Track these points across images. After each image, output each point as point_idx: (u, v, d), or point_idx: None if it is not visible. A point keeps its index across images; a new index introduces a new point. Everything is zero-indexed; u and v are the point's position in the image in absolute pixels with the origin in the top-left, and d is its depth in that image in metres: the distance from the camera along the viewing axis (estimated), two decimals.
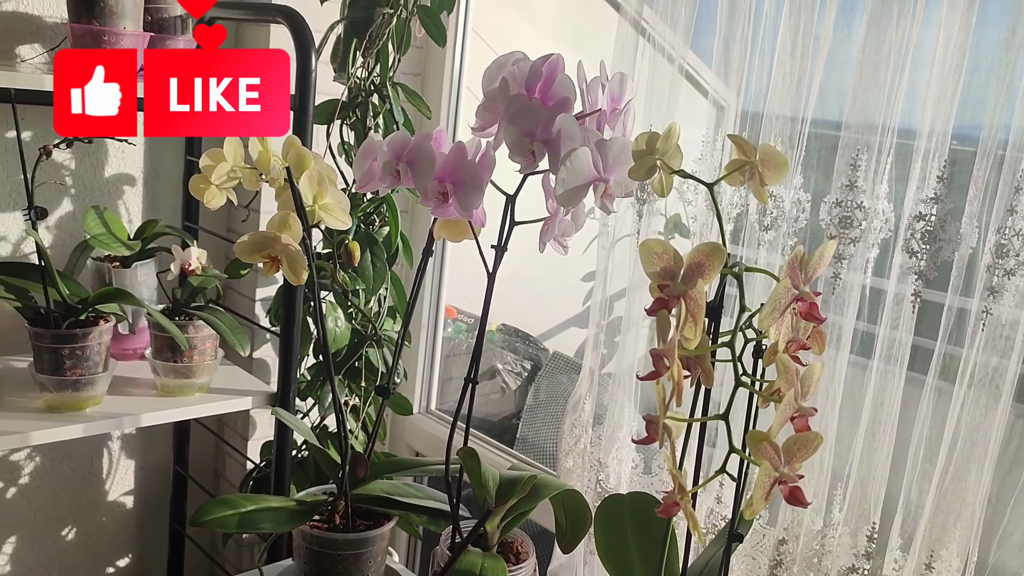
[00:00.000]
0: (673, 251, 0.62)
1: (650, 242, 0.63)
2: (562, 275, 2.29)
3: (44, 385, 1.27)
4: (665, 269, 0.62)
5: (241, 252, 0.94)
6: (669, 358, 0.60)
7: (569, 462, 1.39)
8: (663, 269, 0.62)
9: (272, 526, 1.08)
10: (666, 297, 0.61)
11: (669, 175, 0.69)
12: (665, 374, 0.61)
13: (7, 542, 1.61)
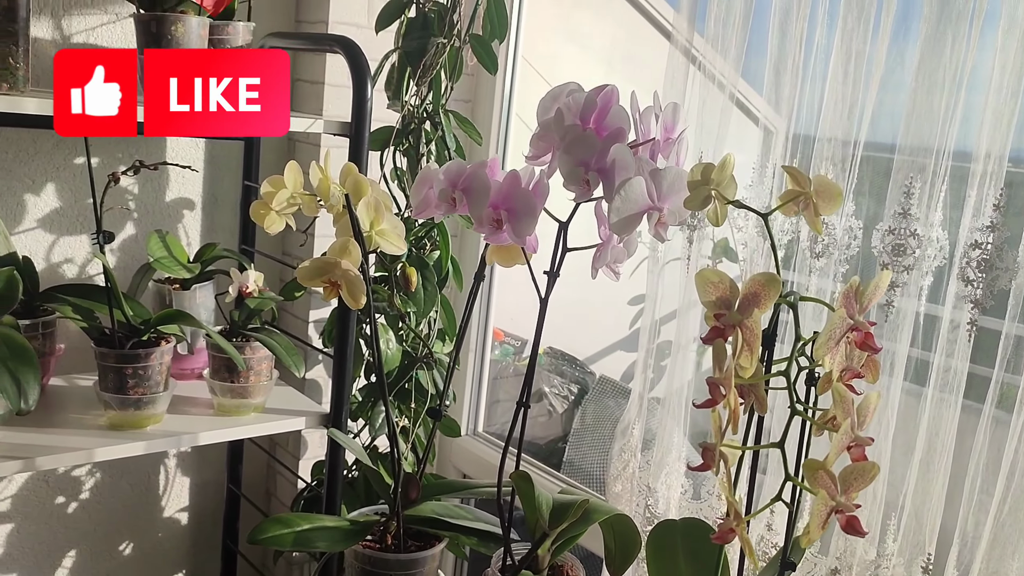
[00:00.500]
0: (729, 281, 0.63)
1: (706, 272, 0.64)
2: (608, 299, 2.29)
3: (108, 403, 1.31)
4: (721, 298, 0.63)
5: (303, 277, 0.96)
6: (726, 387, 0.61)
7: (618, 487, 1.39)
8: (719, 298, 0.63)
9: (326, 545, 1.10)
10: (722, 326, 0.62)
11: (724, 205, 0.70)
12: (721, 402, 0.62)
13: (68, 555, 1.66)
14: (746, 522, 0.63)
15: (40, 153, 1.48)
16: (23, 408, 1.15)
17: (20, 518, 1.59)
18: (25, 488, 1.58)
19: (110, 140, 1.51)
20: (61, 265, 1.54)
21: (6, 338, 1.19)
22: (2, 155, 1.45)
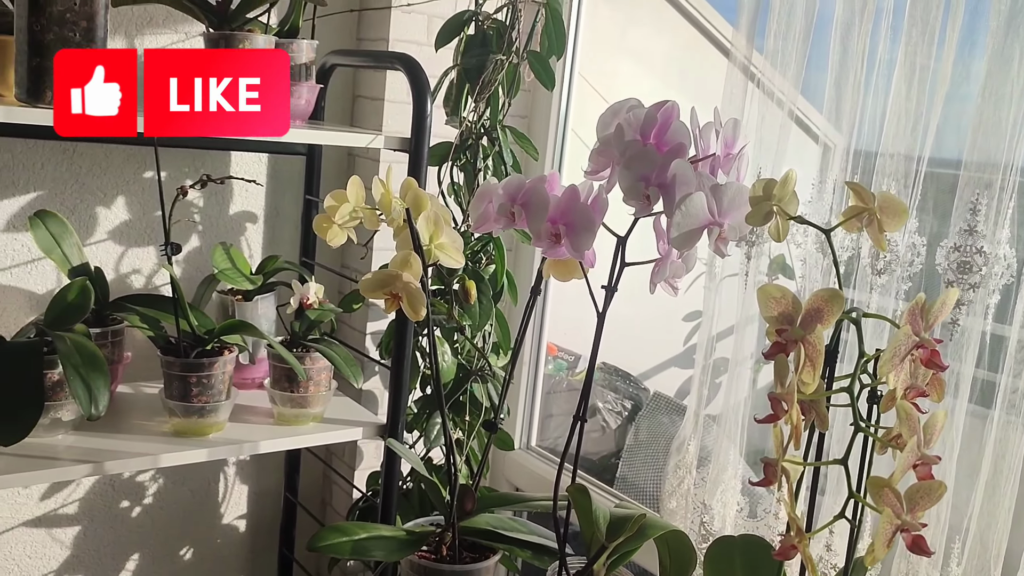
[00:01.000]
0: (792, 296, 0.63)
1: (768, 287, 0.64)
2: (663, 315, 2.28)
3: (173, 410, 1.35)
4: (783, 314, 0.63)
5: (365, 289, 0.98)
6: (788, 402, 0.61)
7: (672, 503, 1.38)
8: (781, 314, 0.63)
9: (383, 554, 1.11)
10: (784, 341, 0.62)
11: (785, 221, 0.70)
12: (783, 418, 0.62)
13: (131, 558, 1.70)
14: (808, 539, 0.63)
15: (112, 167, 1.53)
16: (93, 414, 1.18)
17: (87, 521, 1.64)
18: (92, 492, 1.63)
19: (177, 154, 1.56)
20: (129, 276, 1.59)
21: (78, 346, 1.23)
22: (76, 169, 1.50)
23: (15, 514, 1.56)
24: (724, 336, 1.45)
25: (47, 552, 1.61)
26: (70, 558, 1.63)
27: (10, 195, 1.46)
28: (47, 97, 1.14)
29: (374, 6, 1.66)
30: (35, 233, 1.36)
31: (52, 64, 1.13)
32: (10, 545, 1.57)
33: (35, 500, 1.58)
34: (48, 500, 1.59)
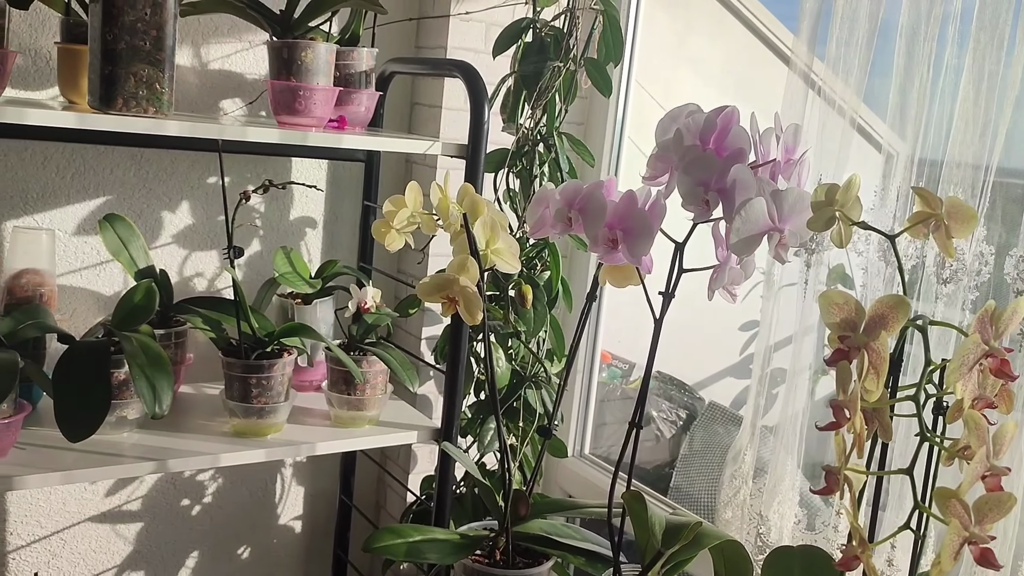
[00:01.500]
0: (855, 302, 0.62)
1: (831, 293, 0.63)
2: (719, 324, 2.26)
3: (233, 411, 1.37)
4: (846, 320, 0.62)
5: (423, 293, 0.99)
6: (851, 410, 0.60)
7: (728, 513, 1.37)
8: (844, 320, 0.62)
9: (437, 557, 1.12)
10: (846, 348, 0.61)
11: (848, 226, 0.69)
12: (845, 425, 0.61)
13: (191, 555, 1.73)
14: (871, 550, 0.61)
15: (176, 173, 1.57)
16: (157, 412, 1.21)
17: (149, 517, 1.68)
18: (154, 489, 1.67)
19: (240, 159, 1.60)
20: (192, 279, 1.62)
21: (144, 346, 1.26)
22: (144, 174, 1.54)
23: (82, 509, 1.61)
24: (781, 346, 1.43)
25: (111, 547, 1.65)
26: (133, 554, 1.68)
27: (81, 199, 1.50)
28: (118, 104, 1.18)
29: (433, 14, 1.68)
30: (104, 236, 1.40)
31: (123, 72, 1.17)
32: (77, 540, 1.62)
33: (100, 496, 1.62)
34: (113, 496, 1.64)
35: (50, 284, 1.38)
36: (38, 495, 1.56)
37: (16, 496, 1.54)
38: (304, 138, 1.32)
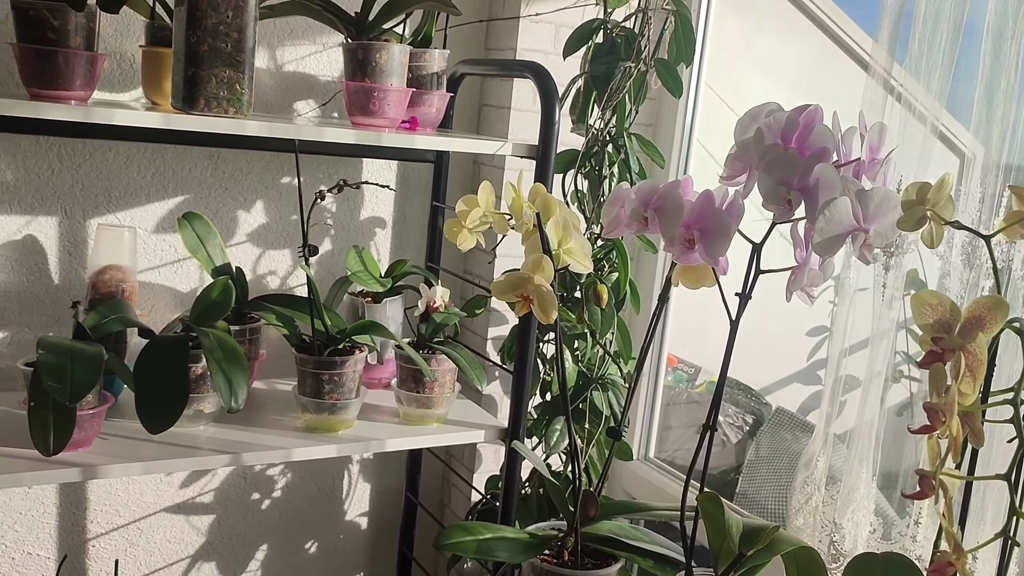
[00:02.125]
0: (949, 303, 0.61)
1: (924, 294, 0.62)
2: (785, 329, 2.22)
3: (305, 406, 1.39)
4: (940, 321, 0.61)
5: (497, 291, 1.00)
6: (947, 413, 0.58)
7: (799, 520, 1.34)
8: (937, 321, 0.61)
9: (507, 556, 1.12)
10: (940, 350, 0.60)
11: (940, 226, 0.67)
12: (939, 429, 0.59)
13: (260, 548, 1.77)
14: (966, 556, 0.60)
15: (252, 173, 1.61)
16: (233, 406, 1.24)
17: (221, 510, 1.71)
18: (226, 483, 1.71)
19: (313, 160, 1.62)
20: (265, 277, 1.66)
21: (221, 341, 1.29)
22: (220, 174, 1.58)
23: (158, 500, 1.65)
24: (852, 351, 1.40)
25: (184, 538, 1.69)
26: (205, 545, 1.71)
27: (160, 198, 1.55)
28: (200, 104, 1.21)
29: (503, 16, 1.69)
30: (183, 233, 1.44)
31: (205, 73, 1.20)
32: (152, 529, 1.66)
33: (175, 488, 1.66)
34: (186, 488, 1.68)
35: (131, 280, 1.43)
36: (117, 485, 1.61)
37: (96, 485, 1.59)
38: (378, 139, 1.34)
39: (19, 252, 1.45)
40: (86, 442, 1.26)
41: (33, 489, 1.54)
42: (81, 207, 1.49)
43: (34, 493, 1.54)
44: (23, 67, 1.18)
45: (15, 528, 1.54)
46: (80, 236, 1.49)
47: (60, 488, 1.56)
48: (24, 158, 1.43)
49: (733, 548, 0.86)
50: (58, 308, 1.49)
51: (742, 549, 0.84)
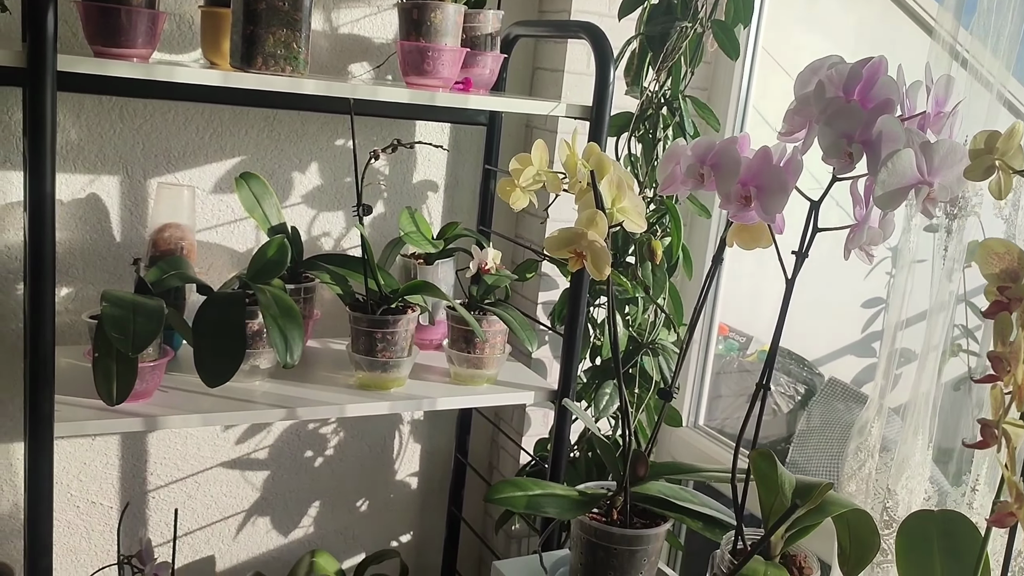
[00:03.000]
0: (1017, 251, 0.59)
1: (991, 242, 0.60)
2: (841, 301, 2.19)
3: (359, 364, 1.42)
4: (1007, 270, 0.59)
5: (550, 247, 1.00)
6: (1012, 362, 0.57)
7: (852, 487, 1.33)
8: (1004, 270, 0.59)
9: (556, 512, 1.13)
10: (1006, 299, 0.58)
11: (1009, 176, 0.65)
12: (1004, 379, 0.58)
13: (312, 505, 1.80)
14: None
15: (307, 135, 1.62)
16: (288, 362, 1.26)
17: (275, 466, 1.75)
18: (280, 440, 1.74)
19: (367, 122, 1.63)
20: (320, 238, 1.68)
21: (277, 298, 1.31)
22: (276, 135, 1.60)
23: (214, 455, 1.69)
24: (909, 324, 1.38)
25: (240, 492, 1.74)
26: (259, 500, 1.76)
27: (218, 159, 1.57)
28: (258, 62, 1.22)
29: None
30: (240, 193, 1.46)
31: (263, 32, 1.22)
32: (209, 483, 1.70)
33: (231, 444, 1.71)
34: (242, 445, 1.72)
35: (190, 238, 1.46)
36: (175, 439, 1.65)
37: (155, 439, 1.64)
38: (432, 98, 1.34)
39: (83, 210, 1.49)
40: (147, 394, 1.29)
41: (96, 441, 1.59)
42: (142, 167, 1.52)
43: (97, 444, 1.59)
44: (87, 25, 1.20)
45: (80, 478, 1.60)
46: (141, 195, 1.53)
47: (122, 441, 1.61)
48: (87, 118, 1.46)
49: (785, 502, 0.85)
50: (120, 265, 1.53)
51: (795, 501, 0.84)
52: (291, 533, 1.80)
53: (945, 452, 1.37)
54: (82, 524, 1.61)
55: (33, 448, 1.17)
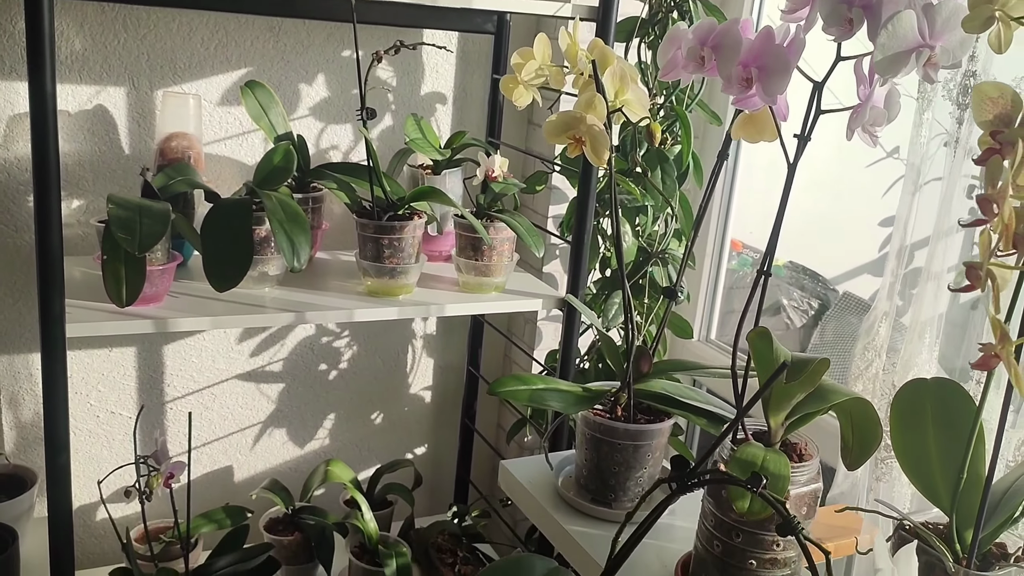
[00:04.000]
0: (1011, 93, 0.58)
1: (984, 85, 0.59)
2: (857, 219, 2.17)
3: (366, 271, 1.42)
4: (1000, 115, 0.58)
5: (549, 132, 0.99)
6: (999, 203, 0.56)
7: (859, 386, 1.33)
8: (998, 115, 0.58)
9: (559, 406, 1.14)
10: (999, 144, 0.57)
11: (1009, 28, 0.63)
12: (992, 221, 0.57)
13: (327, 418, 1.83)
14: (1012, 346, 0.58)
15: (313, 45, 1.61)
16: (295, 266, 1.27)
17: (290, 379, 1.78)
18: (294, 353, 1.77)
19: (374, 31, 1.61)
20: (328, 151, 1.68)
21: (283, 203, 1.32)
22: (282, 47, 1.59)
23: (229, 367, 1.72)
24: (921, 246, 1.36)
25: (256, 404, 1.77)
26: (275, 412, 1.79)
27: (224, 70, 1.56)
28: None
29: None
30: (246, 101, 1.46)
31: None
32: (226, 395, 1.73)
33: (245, 356, 1.73)
34: (256, 357, 1.74)
35: (197, 148, 1.46)
36: (190, 351, 1.68)
37: (171, 351, 1.67)
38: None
39: (90, 121, 1.50)
40: (157, 298, 1.31)
41: (113, 352, 1.62)
42: (148, 78, 1.51)
43: (114, 356, 1.62)
44: None
45: (99, 388, 1.63)
46: (148, 107, 1.53)
47: (138, 352, 1.64)
48: (91, 27, 1.46)
49: (782, 381, 0.85)
50: (129, 177, 1.53)
51: (788, 380, 0.84)
52: (307, 445, 1.83)
53: (951, 372, 1.36)
54: (103, 433, 1.65)
55: (46, 348, 1.19)
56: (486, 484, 1.98)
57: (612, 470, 1.15)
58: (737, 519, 0.93)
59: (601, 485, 1.15)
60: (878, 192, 1.99)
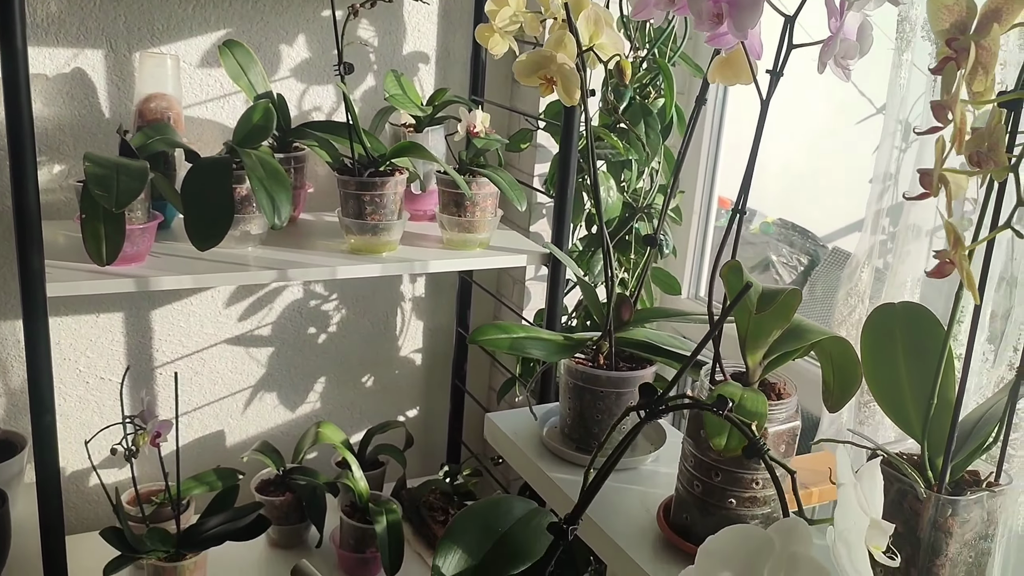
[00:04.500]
0: (967, 1, 0.57)
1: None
2: (847, 176, 2.16)
3: (349, 228, 1.42)
4: (956, 23, 0.57)
5: (519, 72, 0.98)
6: (952, 108, 0.56)
7: (842, 332, 1.33)
8: (954, 23, 0.57)
9: (541, 353, 1.14)
10: (955, 51, 0.57)
11: None
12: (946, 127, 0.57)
13: (318, 381, 1.84)
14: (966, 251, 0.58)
15: (292, 5, 1.60)
16: (276, 223, 1.27)
17: (279, 343, 1.78)
18: (282, 317, 1.77)
19: None
20: (310, 113, 1.67)
21: (262, 161, 1.31)
22: (260, 8, 1.57)
23: (217, 332, 1.72)
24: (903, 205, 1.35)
25: (245, 368, 1.77)
26: (265, 376, 1.79)
27: (203, 31, 1.55)
28: None
29: None
30: (224, 61, 1.45)
31: None
32: (215, 360, 1.74)
33: (234, 321, 1.73)
34: (245, 322, 1.74)
35: (176, 108, 1.45)
36: (178, 316, 1.68)
37: (159, 316, 1.67)
38: None
39: (69, 85, 1.49)
40: (139, 258, 1.31)
41: (100, 317, 1.62)
42: (126, 40, 1.50)
43: (102, 321, 1.63)
44: None
45: (87, 354, 1.63)
46: (127, 70, 1.52)
47: (125, 317, 1.64)
48: None
49: (751, 308, 0.85)
50: (110, 141, 1.53)
51: (758, 310, 0.84)
52: (298, 408, 1.84)
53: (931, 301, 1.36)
54: (92, 399, 1.66)
55: (27, 307, 1.19)
56: (478, 445, 1.99)
57: (595, 418, 1.15)
58: (716, 458, 0.94)
59: (585, 433, 1.16)
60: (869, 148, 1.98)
